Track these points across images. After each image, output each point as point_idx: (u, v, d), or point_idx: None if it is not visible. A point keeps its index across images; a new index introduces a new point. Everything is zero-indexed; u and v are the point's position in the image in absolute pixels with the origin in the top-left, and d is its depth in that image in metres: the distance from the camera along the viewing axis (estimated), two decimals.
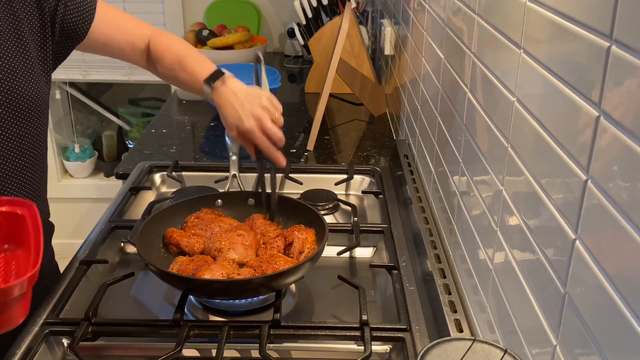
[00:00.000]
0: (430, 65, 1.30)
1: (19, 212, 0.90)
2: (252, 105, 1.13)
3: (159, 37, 1.27)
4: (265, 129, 1.13)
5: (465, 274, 0.99)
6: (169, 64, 1.23)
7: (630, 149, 0.48)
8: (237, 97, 1.14)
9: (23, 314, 0.81)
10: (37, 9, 1.08)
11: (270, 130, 1.13)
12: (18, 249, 0.91)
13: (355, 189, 1.52)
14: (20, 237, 0.90)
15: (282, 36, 3.02)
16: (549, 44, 0.66)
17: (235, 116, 1.13)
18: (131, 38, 1.24)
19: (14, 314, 0.80)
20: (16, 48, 1.05)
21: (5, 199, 0.91)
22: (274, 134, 1.14)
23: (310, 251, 1.08)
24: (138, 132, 3.18)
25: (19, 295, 0.78)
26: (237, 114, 1.13)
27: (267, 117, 1.13)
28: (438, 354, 0.67)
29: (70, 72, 3.02)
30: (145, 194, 1.46)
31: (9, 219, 0.90)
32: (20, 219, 0.90)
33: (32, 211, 0.89)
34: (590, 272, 0.55)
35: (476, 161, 0.93)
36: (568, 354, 0.60)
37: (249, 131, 1.13)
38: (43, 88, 1.09)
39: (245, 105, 1.13)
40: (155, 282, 1.08)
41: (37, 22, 1.08)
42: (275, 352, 0.98)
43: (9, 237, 0.91)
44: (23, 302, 0.80)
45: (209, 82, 1.17)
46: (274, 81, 1.98)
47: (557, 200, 0.63)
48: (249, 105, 1.13)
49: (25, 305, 0.81)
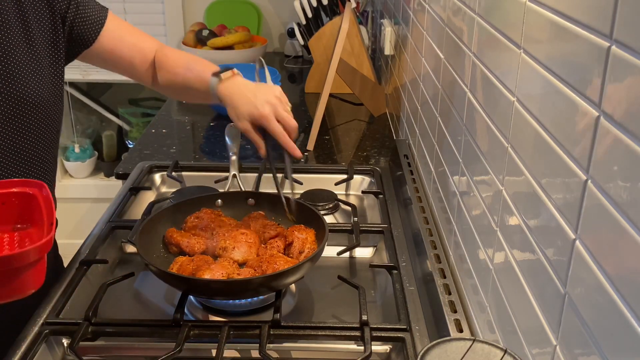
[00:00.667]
0: (430, 65, 1.30)
1: (30, 191, 0.92)
2: (266, 94, 1.10)
3: (166, 48, 1.27)
4: (279, 116, 1.10)
5: (465, 274, 0.99)
6: (174, 67, 1.22)
7: (630, 149, 0.48)
8: (248, 88, 1.12)
9: (36, 283, 0.83)
10: (48, 8, 1.08)
11: (285, 118, 1.10)
12: (31, 227, 0.93)
13: (355, 189, 1.52)
14: (32, 216, 0.92)
15: (282, 36, 3.02)
16: (549, 44, 0.66)
17: (249, 102, 1.09)
18: (139, 50, 1.23)
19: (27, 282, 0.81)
20: (26, 48, 1.05)
21: (17, 181, 0.93)
22: (290, 122, 1.10)
23: (310, 251, 1.08)
24: (138, 132, 3.18)
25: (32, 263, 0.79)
26: (250, 101, 1.10)
27: (280, 106, 1.11)
28: (438, 354, 0.67)
29: (70, 72, 2.99)
30: (145, 194, 1.46)
31: (21, 199, 0.92)
32: (32, 198, 0.91)
33: (43, 189, 0.91)
34: (590, 272, 0.55)
35: (476, 161, 0.93)
36: (568, 354, 0.60)
37: (264, 117, 1.08)
38: (53, 88, 1.10)
39: (258, 94, 1.10)
40: (155, 282, 1.08)
41: (48, 22, 1.09)
42: (275, 352, 0.98)
43: (22, 217, 0.93)
44: (36, 271, 0.82)
45: (217, 75, 1.14)
46: (274, 81, 1.97)
47: (557, 200, 0.63)
48: (262, 94, 1.10)
49: (39, 274, 0.82)
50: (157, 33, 3.02)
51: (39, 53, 1.07)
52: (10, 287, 0.80)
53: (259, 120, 1.09)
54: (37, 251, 0.79)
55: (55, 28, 1.10)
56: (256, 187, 1.43)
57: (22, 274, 0.80)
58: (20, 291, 0.81)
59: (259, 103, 1.09)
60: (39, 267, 0.82)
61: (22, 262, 0.78)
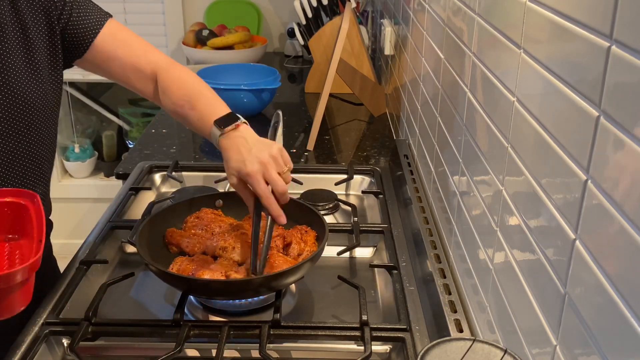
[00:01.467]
0: (430, 65, 1.30)
1: (22, 202, 0.91)
2: (260, 151, 1.02)
3: (171, 68, 1.17)
4: (269, 177, 1.01)
5: (465, 274, 0.99)
6: (178, 100, 1.14)
7: (630, 149, 0.48)
8: (246, 142, 1.04)
9: (24, 301, 0.82)
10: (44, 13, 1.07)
11: (274, 180, 1.01)
12: (22, 239, 0.92)
13: (355, 189, 1.52)
14: (24, 227, 0.90)
15: (282, 36, 3.02)
16: (549, 44, 0.66)
17: (239, 159, 1.02)
18: (136, 60, 1.15)
19: (16, 301, 0.80)
20: (23, 53, 1.05)
21: (9, 190, 0.92)
22: (278, 186, 1.01)
23: (309, 254, 1.08)
24: (138, 132, 3.18)
25: (20, 282, 0.78)
26: (241, 157, 1.02)
27: (273, 166, 1.02)
28: (438, 354, 0.67)
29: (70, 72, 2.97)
30: (145, 194, 1.46)
31: (14, 209, 0.91)
32: (24, 209, 0.90)
33: (35, 201, 0.90)
34: (590, 272, 0.55)
35: (476, 161, 0.93)
36: (568, 354, 0.60)
37: (251, 175, 1.00)
38: (51, 91, 1.09)
39: (253, 150, 1.02)
40: (155, 282, 1.08)
41: (45, 27, 1.08)
42: (275, 352, 0.98)
43: (14, 227, 0.92)
44: (24, 290, 0.81)
45: (220, 125, 1.06)
46: (274, 81, 1.98)
47: (557, 200, 0.63)
48: (257, 150, 1.02)
49: (26, 293, 0.81)
50: (157, 33, 3.02)
51: (37, 57, 1.06)
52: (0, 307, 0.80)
53: (245, 179, 1.02)
54: (25, 271, 0.78)
55: (53, 32, 1.09)
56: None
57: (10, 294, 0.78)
58: (8, 310, 0.80)
59: (249, 160, 1.01)
60: (27, 285, 0.81)
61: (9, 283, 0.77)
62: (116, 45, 1.14)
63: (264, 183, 1.01)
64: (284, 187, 1.02)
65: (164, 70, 1.16)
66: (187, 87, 1.15)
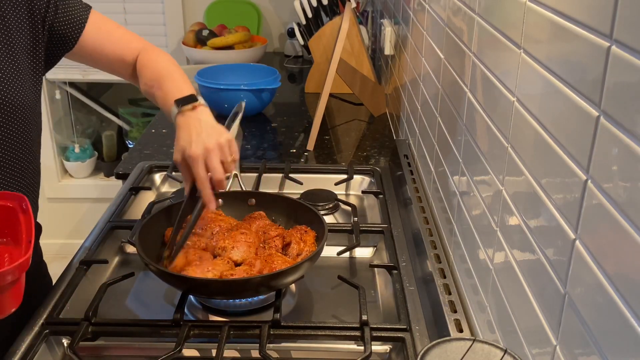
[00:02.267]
0: (430, 65, 1.30)
1: (9, 205, 0.90)
2: (209, 136, 1.05)
3: (148, 52, 1.22)
4: (210, 165, 1.04)
5: (465, 274, 0.99)
6: (149, 80, 1.18)
7: (630, 149, 0.48)
8: (199, 124, 1.07)
9: (15, 303, 0.82)
10: (28, 12, 1.07)
11: (214, 168, 1.04)
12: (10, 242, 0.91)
13: (355, 189, 1.52)
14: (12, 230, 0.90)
15: (282, 36, 3.02)
16: (549, 44, 0.66)
17: (187, 140, 1.05)
18: (121, 51, 1.21)
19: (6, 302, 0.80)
20: (5, 54, 1.04)
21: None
22: (216, 174, 1.04)
23: (308, 254, 1.08)
24: (138, 132, 3.18)
25: (10, 282, 0.78)
26: (189, 138, 1.05)
27: (216, 154, 1.04)
28: (438, 354, 0.67)
29: (70, 72, 3.02)
30: (145, 194, 1.46)
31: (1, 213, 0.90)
32: (12, 212, 0.90)
33: (23, 203, 0.90)
34: (590, 272, 0.55)
35: (476, 161, 0.93)
36: (568, 354, 0.60)
37: (193, 158, 1.03)
38: (33, 94, 1.08)
39: (202, 134, 1.05)
40: (155, 282, 1.08)
41: (28, 26, 1.07)
42: (275, 352, 0.98)
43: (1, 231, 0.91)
44: (14, 291, 0.80)
45: (178, 103, 1.10)
46: (274, 81, 1.98)
47: (557, 200, 0.63)
48: (206, 135, 1.05)
49: (17, 293, 0.81)
50: (157, 33, 3.02)
51: (19, 59, 1.06)
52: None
53: (187, 160, 1.05)
54: (14, 271, 0.78)
55: (35, 33, 1.08)
56: (257, 187, 1.43)
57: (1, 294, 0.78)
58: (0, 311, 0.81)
59: (195, 142, 1.04)
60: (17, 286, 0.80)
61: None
62: (102, 37, 1.19)
63: (203, 168, 1.04)
64: (221, 176, 1.05)
65: (142, 53, 1.22)
66: (158, 68, 1.20)
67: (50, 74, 1.34)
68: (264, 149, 1.77)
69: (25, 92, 1.06)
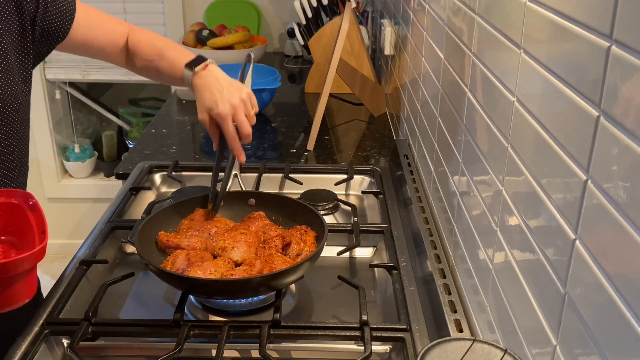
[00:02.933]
0: (430, 65, 1.30)
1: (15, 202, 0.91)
2: (232, 94, 1.12)
3: (137, 32, 1.26)
4: (237, 120, 1.12)
5: (465, 274, 0.99)
6: (148, 55, 1.23)
7: (630, 149, 0.48)
8: (218, 82, 1.13)
9: (29, 293, 0.83)
10: (17, 13, 1.07)
11: (242, 123, 1.12)
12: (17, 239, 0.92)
13: (355, 189, 1.52)
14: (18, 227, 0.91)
15: (282, 36, 3.02)
16: (549, 44, 0.66)
17: (212, 99, 1.11)
18: (111, 36, 1.23)
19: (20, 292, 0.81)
20: None
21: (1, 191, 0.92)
22: (244, 128, 1.12)
23: (307, 254, 1.08)
24: (138, 132, 3.18)
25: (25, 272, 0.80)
26: (214, 97, 1.11)
27: (242, 110, 1.12)
28: (438, 354, 0.67)
29: (70, 72, 3.02)
30: (145, 194, 1.46)
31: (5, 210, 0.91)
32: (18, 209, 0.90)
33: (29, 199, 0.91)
34: (590, 272, 0.55)
35: (476, 161, 0.93)
36: (568, 354, 0.60)
37: (222, 116, 1.11)
38: (21, 91, 1.08)
39: (225, 92, 1.12)
40: (155, 282, 1.08)
41: (17, 26, 1.07)
42: (275, 352, 0.98)
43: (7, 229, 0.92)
44: (29, 281, 0.81)
45: (190, 66, 1.16)
46: (274, 81, 1.98)
47: (557, 200, 0.63)
48: (228, 94, 1.12)
49: (31, 284, 0.82)
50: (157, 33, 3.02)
51: (7, 56, 1.06)
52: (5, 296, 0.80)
53: (216, 118, 1.12)
54: (31, 259, 0.79)
55: (24, 31, 1.08)
56: (256, 187, 1.43)
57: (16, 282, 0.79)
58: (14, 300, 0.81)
59: (220, 101, 1.11)
60: (32, 275, 0.81)
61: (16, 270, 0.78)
62: (92, 27, 1.20)
63: (232, 124, 1.12)
64: (249, 130, 1.14)
65: (131, 34, 1.25)
66: (155, 43, 1.24)
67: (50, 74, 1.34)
68: (264, 149, 1.77)
69: (14, 91, 1.06)
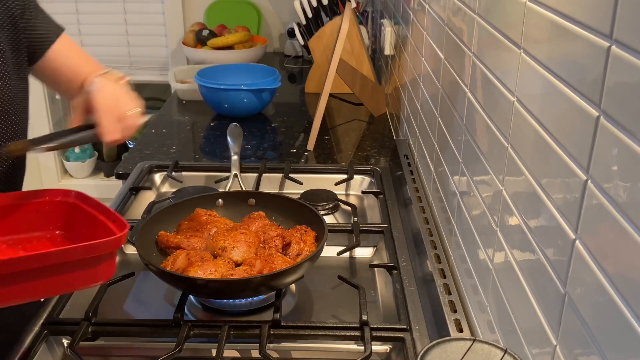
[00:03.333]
0: (430, 65, 1.30)
1: (67, 200, 0.96)
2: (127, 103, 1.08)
3: None
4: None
5: (465, 274, 0.99)
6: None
7: (630, 149, 0.48)
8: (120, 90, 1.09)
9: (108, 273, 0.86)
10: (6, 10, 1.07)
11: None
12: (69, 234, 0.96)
13: (355, 189, 1.52)
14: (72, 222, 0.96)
15: (282, 36, 3.02)
16: (549, 44, 0.66)
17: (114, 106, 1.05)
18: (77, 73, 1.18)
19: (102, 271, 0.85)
20: None
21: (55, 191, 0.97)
22: None
23: (307, 254, 1.08)
24: (138, 132, 3.18)
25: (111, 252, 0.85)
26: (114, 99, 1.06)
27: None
28: (438, 354, 0.67)
29: None
30: (145, 194, 1.46)
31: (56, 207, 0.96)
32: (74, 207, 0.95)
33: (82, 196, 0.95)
34: (590, 272, 0.55)
35: (476, 161, 0.93)
36: (568, 354, 0.60)
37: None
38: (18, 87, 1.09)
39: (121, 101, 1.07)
40: (155, 282, 1.08)
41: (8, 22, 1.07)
42: (275, 352, 0.98)
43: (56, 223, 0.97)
44: (111, 262, 0.86)
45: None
46: (274, 81, 1.98)
47: (557, 200, 0.63)
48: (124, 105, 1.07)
49: (111, 266, 0.86)
50: (157, 33, 3.02)
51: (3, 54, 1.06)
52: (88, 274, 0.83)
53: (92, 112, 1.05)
54: (117, 242, 0.83)
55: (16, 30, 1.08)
56: (256, 187, 1.43)
57: (101, 263, 0.83)
58: (93, 279, 0.85)
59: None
60: (113, 259, 0.86)
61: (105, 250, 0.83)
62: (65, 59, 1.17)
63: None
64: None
65: None
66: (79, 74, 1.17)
67: None
68: (264, 149, 1.77)
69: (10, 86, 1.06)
